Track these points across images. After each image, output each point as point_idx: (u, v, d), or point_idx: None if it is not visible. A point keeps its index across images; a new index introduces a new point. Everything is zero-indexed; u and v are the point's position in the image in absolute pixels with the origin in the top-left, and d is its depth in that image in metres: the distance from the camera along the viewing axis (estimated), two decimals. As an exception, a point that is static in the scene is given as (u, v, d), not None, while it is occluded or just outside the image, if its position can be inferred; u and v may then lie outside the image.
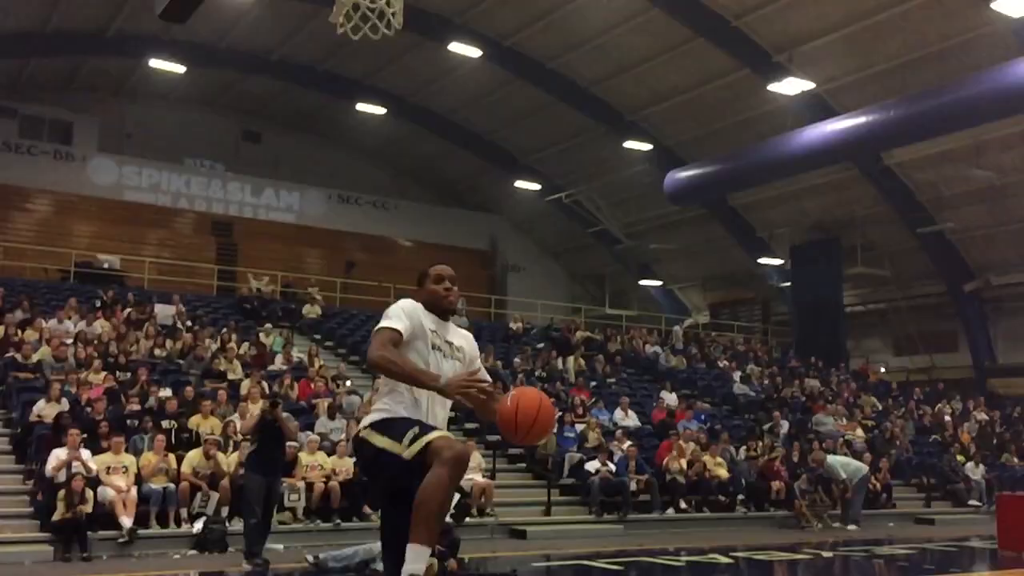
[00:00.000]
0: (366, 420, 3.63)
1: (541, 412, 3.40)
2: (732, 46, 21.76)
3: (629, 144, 26.10)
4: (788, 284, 28.44)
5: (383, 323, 3.59)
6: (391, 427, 3.49)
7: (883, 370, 27.22)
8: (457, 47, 22.82)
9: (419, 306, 3.72)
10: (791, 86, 21.63)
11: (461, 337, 3.91)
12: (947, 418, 21.66)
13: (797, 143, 20.87)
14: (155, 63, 23.88)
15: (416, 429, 3.43)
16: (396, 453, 3.39)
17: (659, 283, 32.37)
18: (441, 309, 3.79)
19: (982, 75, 17.51)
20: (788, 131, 21.22)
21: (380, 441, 3.47)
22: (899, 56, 20.46)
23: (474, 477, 12.41)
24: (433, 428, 3.48)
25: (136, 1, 20.65)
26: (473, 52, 23.08)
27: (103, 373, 13.46)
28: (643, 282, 32.26)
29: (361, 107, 26.73)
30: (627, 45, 22.77)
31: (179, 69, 24.25)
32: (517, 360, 18.96)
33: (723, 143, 24.07)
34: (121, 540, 10.08)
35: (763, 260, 28.67)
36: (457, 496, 10.15)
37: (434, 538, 3.29)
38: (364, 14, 3.93)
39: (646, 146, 26.12)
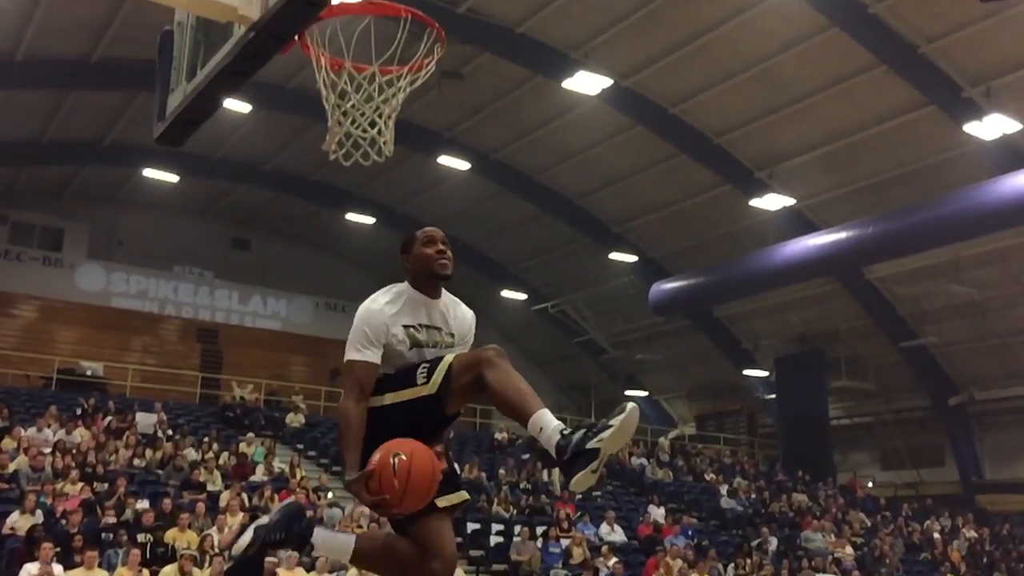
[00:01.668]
0: None
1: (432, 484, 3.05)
2: (714, 162, 22.32)
3: (614, 255, 26.46)
4: (773, 396, 28.42)
5: (353, 354, 3.23)
6: (390, 382, 3.21)
7: (871, 485, 26.97)
8: (446, 160, 23.34)
9: (388, 304, 3.32)
10: (772, 201, 22.16)
11: (453, 311, 3.45)
12: (936, 535, 21.37)
13: (779, 257, 21.20)
14: (149, 172, 24.26)
15: (425, 364, 3.17)
16: (414, 397, 3.11)
17: (645, 393, 32.27)
18: (433, 275, 3.36)
19: (958, 194, 17.96)
20: (770, 245, 21.60)
21: (386, 399, 3.15)
22: (877, 174, 21.02)
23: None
24: (438, 358, 3.18)
25: (133, 112, 21.13)
26: (461, 165, 23.59)
27: (80, 484, 13.22)
28: (629, 392, 32.15)
29: (350, 216, 27.12)
30: (612, 160, 23.33)
31: (172, 178, 24.65)
32: (502, 472, 18.74)
33: (707, 256, 24.43)
34: (89, 661, 9.74)
35: (748, 372, 28.71)
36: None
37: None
38: (356, 142, 4.05)
39: (631, 258, 26.48)
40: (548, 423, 2.92)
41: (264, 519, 3.33)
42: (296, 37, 3.96)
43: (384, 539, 3.33)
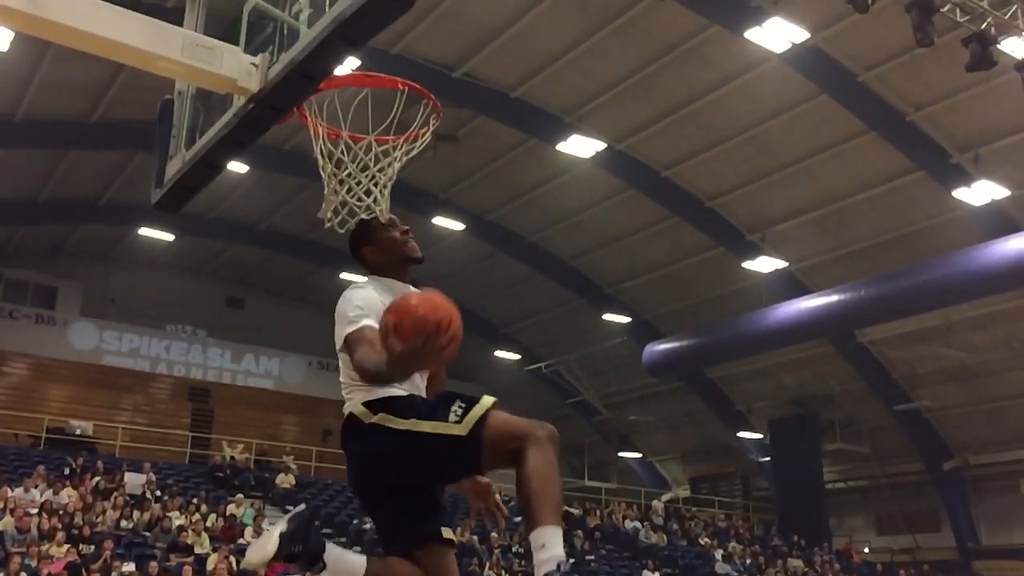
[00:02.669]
0: (360, 399, 2.94)
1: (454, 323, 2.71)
2: (707, 225, 22.50)
3: (608, 316, 26.50)
4: (768, 459, 28.24)
5: (353, 325, 2.94)
6: (412, 407, 2.90)
7: (867, 550, 26.67)
8: (440, 220, 23.48)
9: (374, 289, 3.11)
10: (764, 264, 22.31)
11: None
12: (934, 602, 21.13)
13: (772, 319, 21.27)
14: (144, 231, 24.34)
15: (459, 401, 2.87)
16: (445, 433, 2.80)
17: (638, 455, 32.07)
18: (406, 259, 3.22)
19: (948, 259, 18.11)
20: (763, 307, 21.69)
21: (408, 424, 2.85)
22: (867, 239, 21.20)
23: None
24: (474, 397, 2.90)
25: (130, 172, 21.26)
26: (456, 225, 23.74)
27: (66, 546, 13.04)
28: (622, 454, 31.95)
29: (345, 276, 27.12)
30: (605, 222, 23.52)
31: (168, 237, 24.73)
32: (494, 535, 18.52)
33: (700, 317, 24.49)
34: None
35: (742, 434, 28.57)
36: None
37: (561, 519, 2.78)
38: (352, 210, 4.11)
39: (624, 319, 26.52)
40: (551, 546, 2.67)
41: (284, 526, 3.01)
42: (295, 108, 4.04)
43: (394, 565, 3.10)
